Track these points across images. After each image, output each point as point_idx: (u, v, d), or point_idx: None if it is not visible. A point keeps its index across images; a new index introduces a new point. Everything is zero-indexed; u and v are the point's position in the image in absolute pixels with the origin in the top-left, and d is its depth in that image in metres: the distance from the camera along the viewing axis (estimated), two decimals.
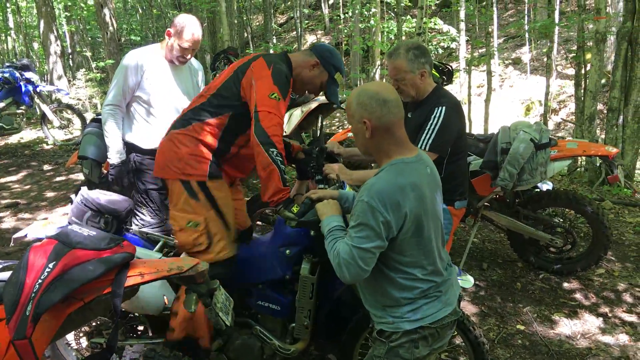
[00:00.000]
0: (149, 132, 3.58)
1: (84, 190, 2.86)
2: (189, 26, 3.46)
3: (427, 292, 2.04)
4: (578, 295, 4.10)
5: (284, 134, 5.33)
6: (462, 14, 12.05)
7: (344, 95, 7.46)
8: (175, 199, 2.74)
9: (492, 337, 3.58)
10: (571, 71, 10.26)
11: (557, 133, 10.03)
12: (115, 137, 3.57)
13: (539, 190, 4.41)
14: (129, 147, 3.65)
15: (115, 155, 3.57)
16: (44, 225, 2.91)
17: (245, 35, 17.69)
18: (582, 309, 3.91)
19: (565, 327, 3.71)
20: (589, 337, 3.58)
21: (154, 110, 3.59)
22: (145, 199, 3.58)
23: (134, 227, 3.03)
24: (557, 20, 9.92)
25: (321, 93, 3.07)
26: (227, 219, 2.76)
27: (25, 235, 2.86)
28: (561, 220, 4.39)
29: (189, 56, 3.59)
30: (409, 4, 11.55)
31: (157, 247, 2.92)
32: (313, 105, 5.29)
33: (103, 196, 2.79)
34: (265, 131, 2.51)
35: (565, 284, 4.27)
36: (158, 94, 3.57)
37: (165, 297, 2.65)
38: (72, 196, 2.88)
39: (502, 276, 4.44)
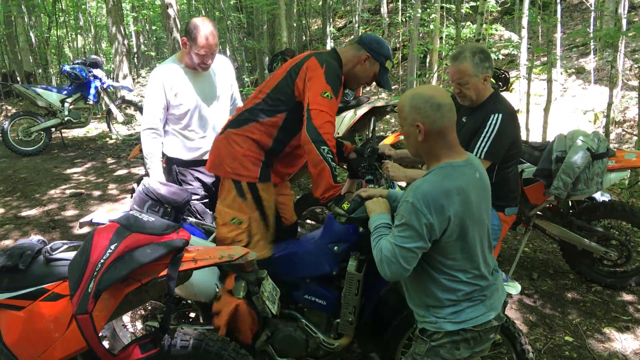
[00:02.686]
0: (187, 144, 3.60)
1: (145, 180, 3.01)
2: (202, 32, 3.35)
3: (470, 295, 2.05)
4: (631, 310, 3.99)
5: (337, 135, 5.40)
6: (524, 21, 11.82)
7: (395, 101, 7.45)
8: (224, 194, 2.87)
9: (538, 347, 3.53)
10: (637, 82, 9.90)
11: (621, 146, 9.69)
12: (156, 160, 3.54)
13: (594, 201, 4.31)
14: (170, 160, 3.66)
15: (155, 178, 3.49)
16: (108, 212, 3.08)
17: (304, 38, 17.88)
18: (635, 324, 3.80)
19: (616, 341, 3.62)
20: None
21: (187, 122, 3.58)
22: (188, 208, 3.66)
23: (191, 219, 3.15)
24: (624, 29, 9.59)
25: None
26: (269, 220, 2.87)
27: (91, 220, 3.03)
28: (616, 232, 4.28)
29: (209, 61, 3.49)
30: (470, 11, 11.40)
31: (212, 237, 3.04)
32: (366, 108, 5.35)
33: (163, 187, 2.93)
34: (316, 129, 2.57)
35: (618, 298, 4.16)
36: (187, 106, 3.54)
37: (216, 285, 2.76)
38: (135, 185, 3.04)
39: (552, 287, 4.36)
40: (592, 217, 4.22)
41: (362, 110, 5.45)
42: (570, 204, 4.31)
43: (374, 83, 3.04)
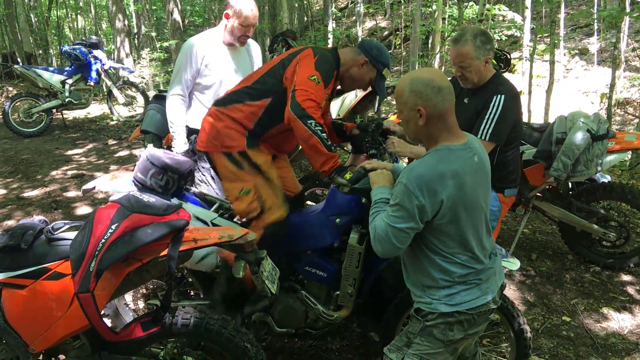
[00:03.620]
0: None
1: (150, 148, 3.01)
2: (246, 3, 3.48)
3: (465, 278, 2.06)
4: (629, 290, 4.02)
5: (338, 117, 5.40)
6: (527, 1, 11.71)
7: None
8: (222, 170, 2.89)
9: (536, 327, 3.57)
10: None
11: (623, 127, 9.66)
12: (180, 127, 3.64)
13: (594, 182, 4.32)
14: (191, 131, 3.70)
15: (180, 145, 3.65)
16: (111, 179, 3.09)
17: (305, 19, 17.76)
18: (633, 304, 3.83)
19: (613, 321, 3.66)
20: (638, 332, 3.52)
21: (214, 94, 3.63)
22: (206, 178, 3.68)
23: (194, 189, 3.16)
24: (627, 10, 9.49)
25: None
26: (273, 181, 2.87)
27: (94, 187, 3.04)
28: (616, 214, 4.29)
29: (250, 33, 3.61)
30: None
31: (214, 207, 3.05)
32: (367, 90, 5.33)
33: (167, 155, 2.94)
34: (299, 104, 2.59)
35: (617, 279, 4.19)
36: (218, 79, 3.62)
37: (217, 256, 2.78)
38: (138, 153, 3.04)
39: (551, 268, 4.39)
40: (592, 199, 4.23)
41: (363, 92, 5.43)
42: (569, 185, 4.32)
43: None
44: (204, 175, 3.63)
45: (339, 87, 3.17)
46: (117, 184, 3.03)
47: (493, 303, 2.13)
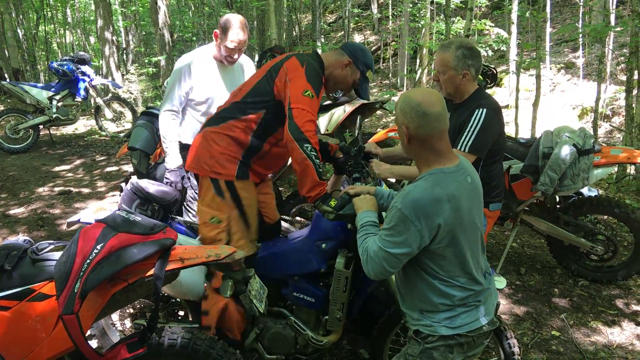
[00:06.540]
0: None
1: (134, 179, 3.01)
2: (234, 26, 3.52)
3: (465, 301, 2.05)
4: (618, 304, 4.03)
5: (327, 132, 5.41)
6: (513, 16, 11.85)
7: (390, 97, 7.41)
8: (203, 193, 2.86)
9: (526, 342, 3.56)
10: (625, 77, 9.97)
11: (609, 140, 9.75)
12: (173, 142, 3.66)
13: (582, 196, 4.34)
14: (183, 146, 3.69)
15: (172, 161, 3.66)
16: (95, 211, 3.07)
17: (294, 34, 17.83)
18: (621, 318, 3.84)
19: (602, 335, 3.66)
20: (626, 346, 3.53)
21: (206, 110, 3.66)
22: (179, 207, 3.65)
23: (179, 217, 3.15)
24: (612, 24, 9.62)
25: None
26: (249, 219, 2.86)
27: (79, 220, 3.02)
28: (603, 227, 4.32)
29: (235, 56, 3.64)
30: (461, 5, 11.43)
31: (199, 236, 3.04)
32: (356, 104, 5.35)
33: (152, 186, 2.93)
34: (298, 127, 2.57)
35: (605, 292, 4.20)
36: (208, 95, 3.65)
37: (205, 284, 2.76)
38: (123, 185, 3.04)
39: (539, 282, 4.40)
40: (579, 213, 4.25)
41: (352, 107, 5.45)
42: (557, 199, 4.34)
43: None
44: (196, 193, 3.61)
45: (328, 102, 3.18)
46: (101, 216, 3.01)
47: (491, 324, 2.13)
